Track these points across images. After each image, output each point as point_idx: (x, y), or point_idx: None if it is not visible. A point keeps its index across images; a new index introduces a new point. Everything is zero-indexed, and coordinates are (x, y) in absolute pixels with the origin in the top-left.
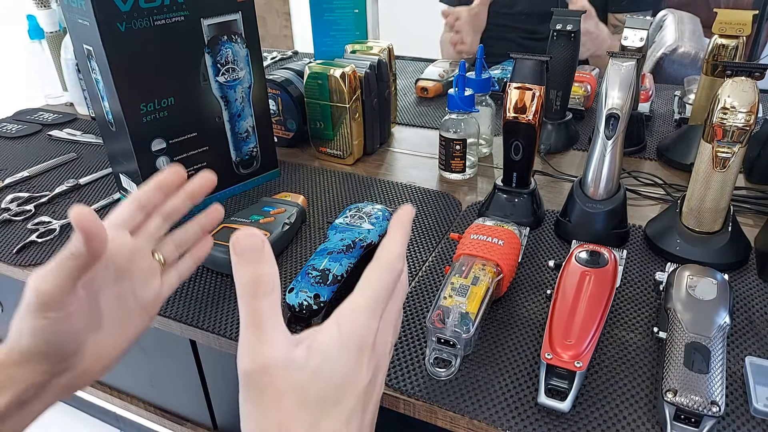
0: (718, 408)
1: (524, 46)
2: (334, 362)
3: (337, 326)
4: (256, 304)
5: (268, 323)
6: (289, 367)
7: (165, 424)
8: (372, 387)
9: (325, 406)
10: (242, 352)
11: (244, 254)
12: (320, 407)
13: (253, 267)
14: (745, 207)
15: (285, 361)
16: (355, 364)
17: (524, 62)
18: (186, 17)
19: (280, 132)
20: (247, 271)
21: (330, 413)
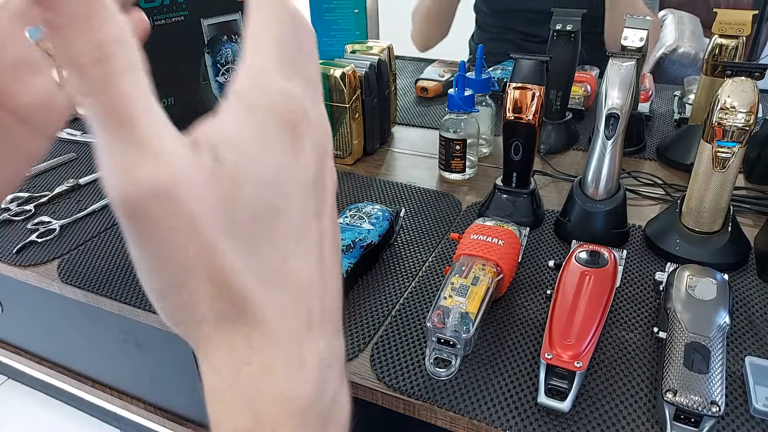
0: (717, 408)
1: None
2: (256, 154)
3: (244, 103)
4: (109, 91)
5: (143, 117)
6: (197, 178)
7: (165, 424)
8: (321, 179)
9: (260, 218)
10: (112, 168)
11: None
12: (254, 221)
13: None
14: (744, 207)
15: (186, 169)
16: (287, 149)
17: (524, 62)
18: (186, 17)
19: None
20: (79, 41)
21: (269, 229)
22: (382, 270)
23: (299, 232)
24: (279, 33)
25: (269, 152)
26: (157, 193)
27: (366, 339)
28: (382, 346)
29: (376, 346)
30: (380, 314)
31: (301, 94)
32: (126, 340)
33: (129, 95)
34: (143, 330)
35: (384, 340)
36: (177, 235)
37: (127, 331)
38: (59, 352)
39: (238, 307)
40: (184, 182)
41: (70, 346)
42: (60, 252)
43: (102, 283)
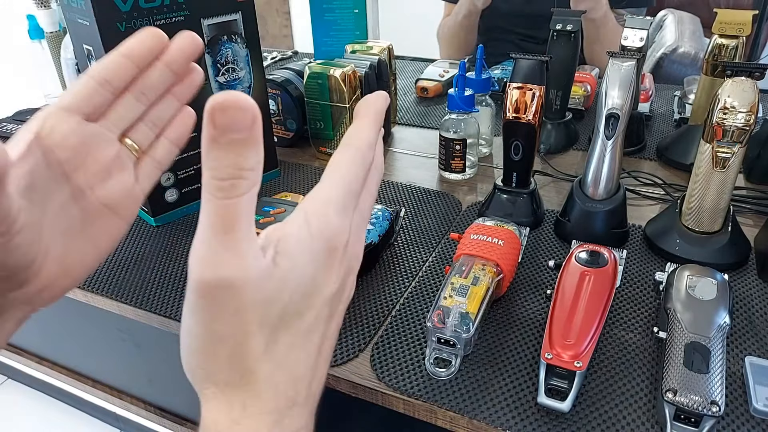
0: (717, 408)
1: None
2: (303, 268)
3: (307, 225)
4: (228, 203)
5: (241, 227)
6: (258, 278)
7: (165, 424)
8: (340, 294)
9: (286, 317)
10: (202, 256)
11: (226, 133)
12: (280, 319)
13: (236, 155)
14: (745, 207)
15: (254, 272)
16: (324, 269)
17: (524, 62)
18: (186, 17)
19: (280, 132)
20: (227, 160)
21: (290, 326)
22: (382, 270)
23: (309, 331)
24: (352, 174)
25: (311, 268)
26: (229, 285)
27: (366, 339)
28: (382, 346)
29: (376, 346)
30: (380, 314)
31: (347, 227)
32: (125, 339)
33: (240, 211)
34: (142, 330)
35: (384, 340)
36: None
37: (126, 330)
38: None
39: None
40: (247, 281)
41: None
42: None
43: (102, 282)
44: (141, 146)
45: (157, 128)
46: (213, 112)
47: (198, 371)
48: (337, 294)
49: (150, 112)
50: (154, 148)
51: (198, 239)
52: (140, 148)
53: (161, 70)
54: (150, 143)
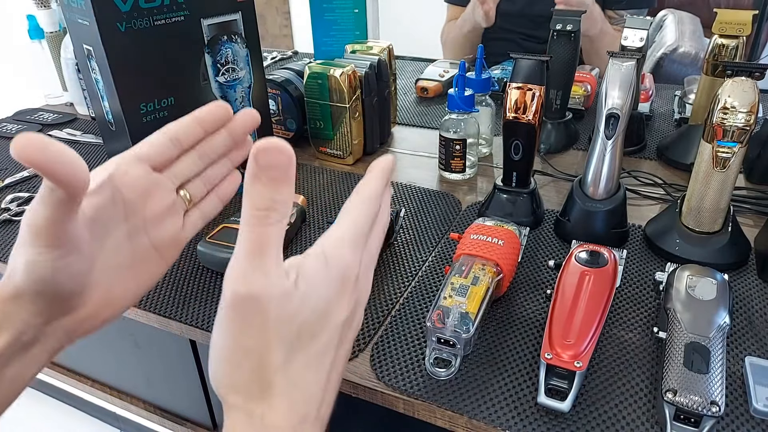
0: (717, 408)
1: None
2: (319, 292)
3: (324, 257)
4: (263, 231)
5: (270, 252)
6: (281, 297)
7: (165, 424)
8: (350, 322)
9: (303, 337)
10: (235, 276)
11: (267, 171)
12: (298, 338)
13: (272, 189)
14: (745, 207)
15: (278, 291)
16: (337, 296)
17: (524, 62)
18: (186, 17)
19: (280, 132)
20: (264, 193)
21: (305, 345)
22: (382, 270)
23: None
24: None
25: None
26: (256, 299)
27: (366, 339)
28: (382, 346)
29: (376, 346)
30: (380, 314)
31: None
32: (124, 339)
33: (271, 238)
34: (142, 329)
35: (384, 340)
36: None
37: (125, 330)
38: None
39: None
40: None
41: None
42: None
43: None
44: (193, 198)
45: (210, 185)
46: (257, 153)
47: (224, 381)
48: (347, 321)
49: (207, 171)
50: (203, 201)
51: (233, 260)
52: (192, 200)
53: (224, 137)
54: (201, 197)
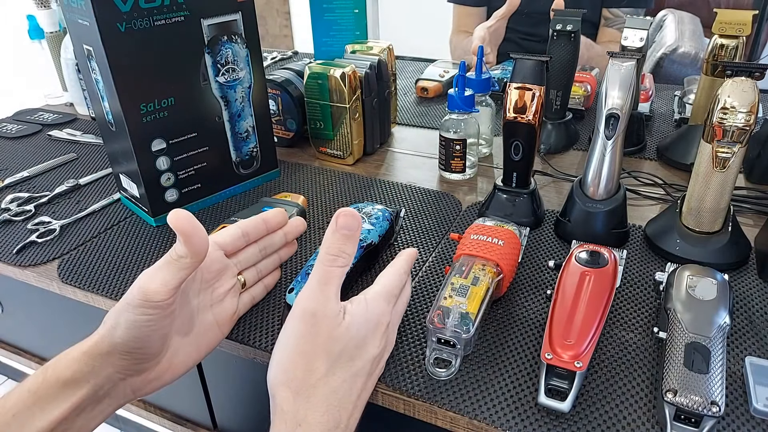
0: (718, 408)
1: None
2: (359, 326)
3: (365, 302)
4: (331, 269)
5: (332, 285)
6: (333, 319)
7: (165, 424)
8: (378, 360)
9: (343, 357)
10: (305, 296)
11: (341, 229)
12: (340, 357)
13: (343, 242)
14: (745, 207)
15: (332, 313)
16: (373, 334)
17: (524, 62)
18: (186, 17)
19: (280, 132)
20: (337, 244)
21: (344, 365)
22: (382, 270)
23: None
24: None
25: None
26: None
27: None
28: None
29: None
30: None
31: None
32: None
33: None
34: None
35: None
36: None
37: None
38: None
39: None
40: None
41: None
42: (60, 252)
43: (102, 283)
44: (247, 283)
45: (261, 274)
46: (339, 216)
47: (281, 376)
48: (377, 358)
49: (261, 262)
50: (253, 287)
51: (306, 285)
52: (246, 285)
53: (280, 236)
54: (253, 283)
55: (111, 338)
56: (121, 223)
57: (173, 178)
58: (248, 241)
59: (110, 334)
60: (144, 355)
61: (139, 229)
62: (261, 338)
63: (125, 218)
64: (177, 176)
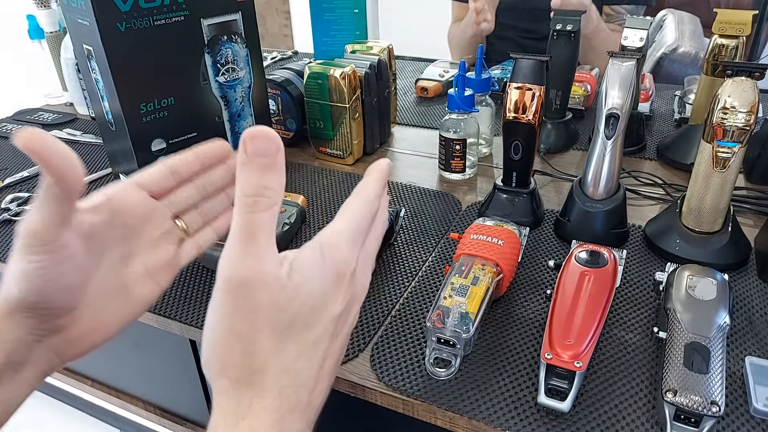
0: (717, 408)
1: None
2: (313, 284)
3: (320, 250)
4: (252, 217)
5: (260, 238)
6: (272, 284)
7: (165, 424)
8: (345, 317)
9: (295, 327)
10: (228, 260)
11: (254, 158)
12: (290, 327)
13: (261, 176)
14: (745, 207)
15: (270, 277)
16: (333, 289)
17: (524, 62)
18: (186, 17)
19: (280, 132)
20: (253, 180)
21: (298, 335)
22: (382, 270)
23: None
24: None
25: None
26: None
27: (366, 339)
28: (382, 346)
29: (376, 346)
30: (380, 314)
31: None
32: (124, 339)
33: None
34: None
35: (384, 340)
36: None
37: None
38: None
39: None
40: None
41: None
42: None
43: None
44: (189, 228)
45: (207, 218)
46: (245, 140)
47: (215, 364)
48: (342, 315)
49: (204, 204)
50: (198, 233)
51: (227, 246)
52: (188, 230)
53: (222, 172)
54: (197, 228)
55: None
56: None
57: None
58: (180, 179)
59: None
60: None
61: None
62: None
63: None
64: None
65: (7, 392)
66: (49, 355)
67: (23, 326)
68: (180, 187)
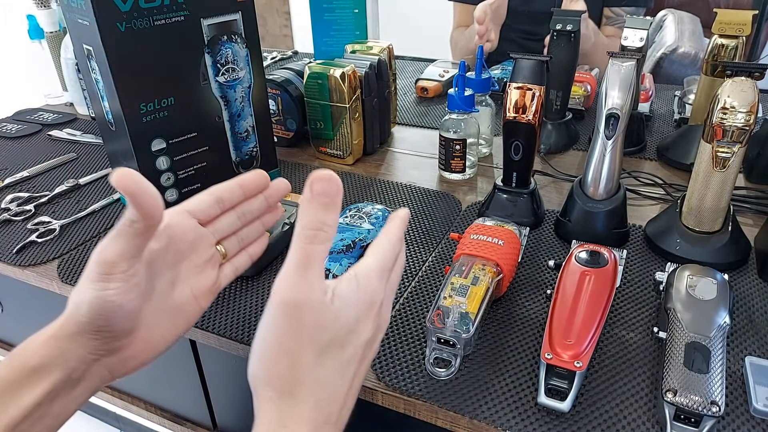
0: (717, 408)
1: (525, 47)
2: (349, 310)
3: (356, 281)
4: (311, 248)
5: (314, 267)
6: (318, 308)
7: (165, 424)
8: (371, 344)
9: (332, 346)
10: (284, 283)
11: (317, 197)
12: (329, 346)
13: (322, 213)
14: (745, 207)
15: (317, 302)
16: (365, 316)
17: (524, 62)
18: (186, 17)
19: (280, 132)
20: (315, 215)
21: (334, 353)
22: None
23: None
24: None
25: (355, 312)
26: (299, 305)
27: None
28: (383, 346)
29: None
30: None
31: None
32: None
33: (316, 255)
34: None
35: (384, 340)
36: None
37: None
38: None
39: (294, 388)
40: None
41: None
42: (60, 252)
43: None
44: (228, 253)
45: (244, 243)
46: (311, 181)
47: (263, 375)
48: (370, 341)
49: (242, 230)
50: (236, 257)
51: (284, 271)
52: (227, 254)
53: (260, 201)
54: (234, 253)
55: (76, 318)
56: None
57: (173, 178)
58: (223, 207)
59: (75, 314)
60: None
61: None
62: None
63: None
64: (177, 176)
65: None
66: (102, 373)
67: (86, 347)
68: (223, 215)
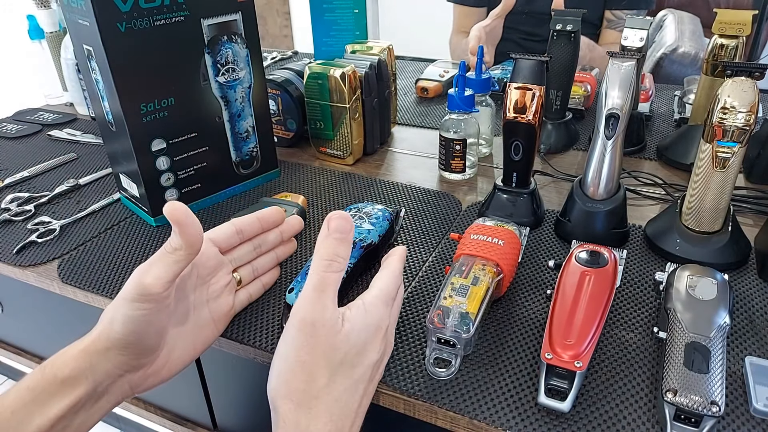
0: (718, 408)
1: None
2: (359, 332)
3: (365, 307)
4: (326, 275)
5: (329, 291)
6: (331, 328)
7: (165, 424)
8: (377, 365)
9: (344, 365)
10: (303, 304)
11: (333, 233)
12: (341, 365)
13: (336, 246)
14: (745, 207)
15: (330, 322)
16: (373, 339)
17: (524, 62)
18: (186, 17)
19: (280, 132)
20: (330, 248)
21: (346, 373)
22: None
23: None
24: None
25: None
26: (314, 323)
27: None
28: None
29: None
30: None
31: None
32: None
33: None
34: None
35: None
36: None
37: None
38: None
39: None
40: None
41: None
42: (60, 252)
43: (102, 283)
44: (243, 281)
45: (258, 272)
46: (329, 219)
47: (282, 388)
48: (377, 363)
49: (257, 260)
50: (250, 284)
51: (303, 294)
52: (242, 282)
53: (276, 234)
54: (249, 281)
55: (108, 334)
56: (121, 223)
57: (173, 178)
58: (242, 238)
59: (107, 330)
60: (142, 349)
61: (139, 229)
62: (261, 338)
63: (125, 218)
64: (177, 176)
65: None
66: (124, 388)
67: (114, 362)
68: (241, 245)
